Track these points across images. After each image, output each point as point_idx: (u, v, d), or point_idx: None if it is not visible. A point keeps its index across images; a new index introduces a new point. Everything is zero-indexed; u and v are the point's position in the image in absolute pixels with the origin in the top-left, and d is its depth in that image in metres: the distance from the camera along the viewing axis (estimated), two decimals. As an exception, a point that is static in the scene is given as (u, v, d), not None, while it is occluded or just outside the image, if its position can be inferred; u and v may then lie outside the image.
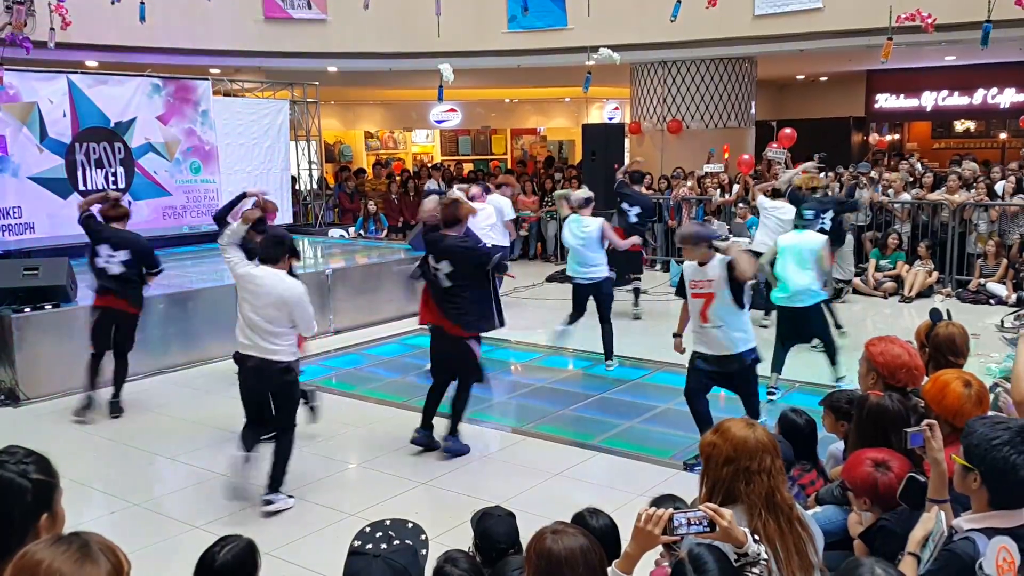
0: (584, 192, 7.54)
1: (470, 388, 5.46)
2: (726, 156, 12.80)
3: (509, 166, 18.46)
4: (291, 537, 4.33)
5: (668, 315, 7.58)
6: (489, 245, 5.78)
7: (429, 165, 17.54)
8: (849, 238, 10.04)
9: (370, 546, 2.36)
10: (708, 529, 2.09)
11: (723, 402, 5.74)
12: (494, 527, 2.91)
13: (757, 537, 2.17)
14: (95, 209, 6.32)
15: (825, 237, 6.74)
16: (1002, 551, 2.08)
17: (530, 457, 5.41)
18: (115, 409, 6.33)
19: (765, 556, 2.14)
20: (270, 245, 4.75)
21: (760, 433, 2.34)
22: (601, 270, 7.16)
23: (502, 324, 5.54)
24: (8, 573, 1.55)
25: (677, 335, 5.40)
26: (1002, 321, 8.37)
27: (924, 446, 2.52)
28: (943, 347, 3.50)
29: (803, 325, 6.31)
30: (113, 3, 8.55)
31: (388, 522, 2.53)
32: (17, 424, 6.26)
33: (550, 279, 11.47)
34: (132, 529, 4.44)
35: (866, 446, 2.91)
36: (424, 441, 5.44)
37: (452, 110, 19.88)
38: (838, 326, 7.41)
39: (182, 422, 5.98)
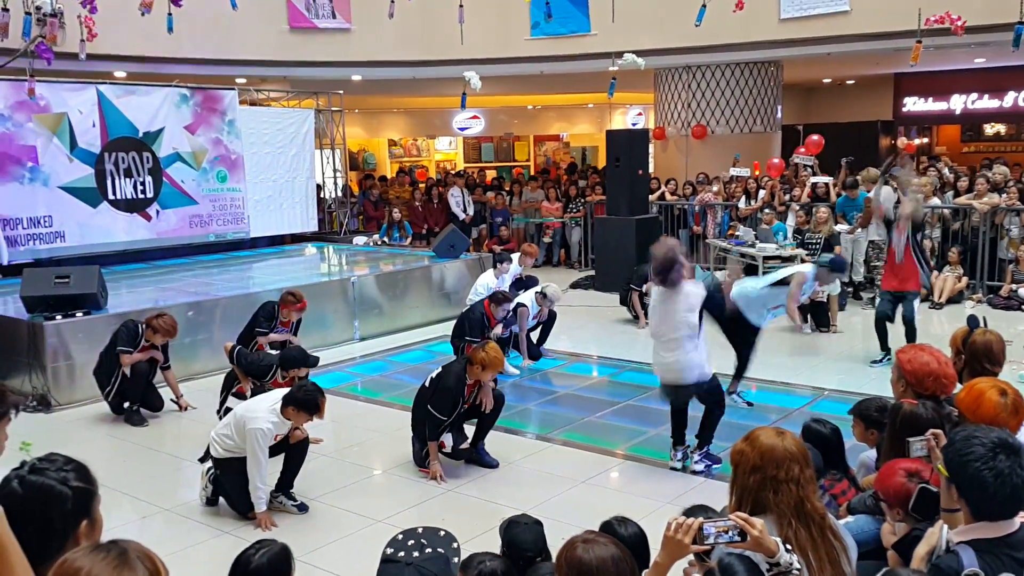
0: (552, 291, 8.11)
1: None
2: (756, 173, 12.65)
3: (532, 173, 18.48)
4: (318, 543, 4.35)
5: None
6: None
7: (452, 172, 17.61)
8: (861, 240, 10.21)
9: (402, 554, 2.38)
10: (739, 539, 2.06)
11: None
12: (521, 535, 2.91)
13: (789, 547, 2.14)
14: None
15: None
16: None
17: (555, 465, 5.39)
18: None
19: (798, 566, 2.11)
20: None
21: (789, 442, 2.32)
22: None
23: None
24: None
25: None
26: None
27: (929, 456, 2.49)
28: (980, 354, 3.46)
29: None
30: (143, 15, 8.66)
31: (420, 530, 2.54)
32: (49, 430, 6.34)
33: (574, 286, 11.45)
34: (161, 534, 4.48)
35: (899, 455, 2.87)
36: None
37: (475, 117, 19.95)
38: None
39: (210, 427, 6.02)
